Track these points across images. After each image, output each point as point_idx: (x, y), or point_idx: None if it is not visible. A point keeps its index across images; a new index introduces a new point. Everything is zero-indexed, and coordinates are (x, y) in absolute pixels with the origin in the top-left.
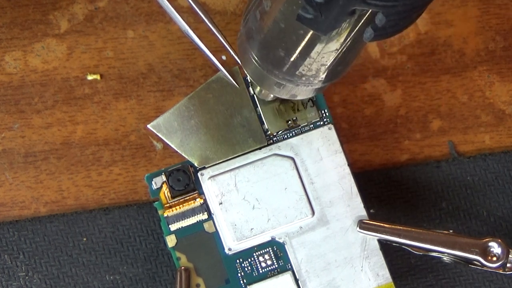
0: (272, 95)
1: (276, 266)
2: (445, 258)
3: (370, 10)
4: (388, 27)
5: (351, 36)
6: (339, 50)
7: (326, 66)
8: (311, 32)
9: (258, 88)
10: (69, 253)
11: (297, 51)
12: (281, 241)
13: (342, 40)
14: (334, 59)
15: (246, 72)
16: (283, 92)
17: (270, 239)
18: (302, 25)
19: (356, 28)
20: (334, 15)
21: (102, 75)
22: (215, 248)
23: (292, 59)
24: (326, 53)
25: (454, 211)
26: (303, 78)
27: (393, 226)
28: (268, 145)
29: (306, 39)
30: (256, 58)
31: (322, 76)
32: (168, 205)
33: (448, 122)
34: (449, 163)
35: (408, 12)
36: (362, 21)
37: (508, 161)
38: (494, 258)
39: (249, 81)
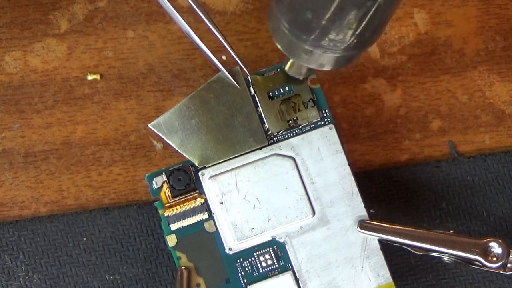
0: (303, 71)
1: (277, 266)
2: (445, 258)
3: None
4: None
5: None
6: (366, 12)
7: (353, 30)
8: None
9: (289, 64)
10: (69, 253)
11: (324, 12)
12: (281, 241)
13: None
14: (361, 22)
15: (275, 42)
16: (311, 60)
17: (270, 239)
18: None
19: None
20: None
21: (102, 75)
22: (215, 247)
23: (318, 21)
24: (353, 14)
25: (454, 211)
26: (331, 44)
27: (393, 226)
28: (268, 145)
29: None
30: (285, 23)
31: (350, 41)
32: (168, 204)
33: (448, 122)
34: (449, 163)
35: None
36: None
37: (508, 161)
38: (495, 258)
39: (250, 81)
